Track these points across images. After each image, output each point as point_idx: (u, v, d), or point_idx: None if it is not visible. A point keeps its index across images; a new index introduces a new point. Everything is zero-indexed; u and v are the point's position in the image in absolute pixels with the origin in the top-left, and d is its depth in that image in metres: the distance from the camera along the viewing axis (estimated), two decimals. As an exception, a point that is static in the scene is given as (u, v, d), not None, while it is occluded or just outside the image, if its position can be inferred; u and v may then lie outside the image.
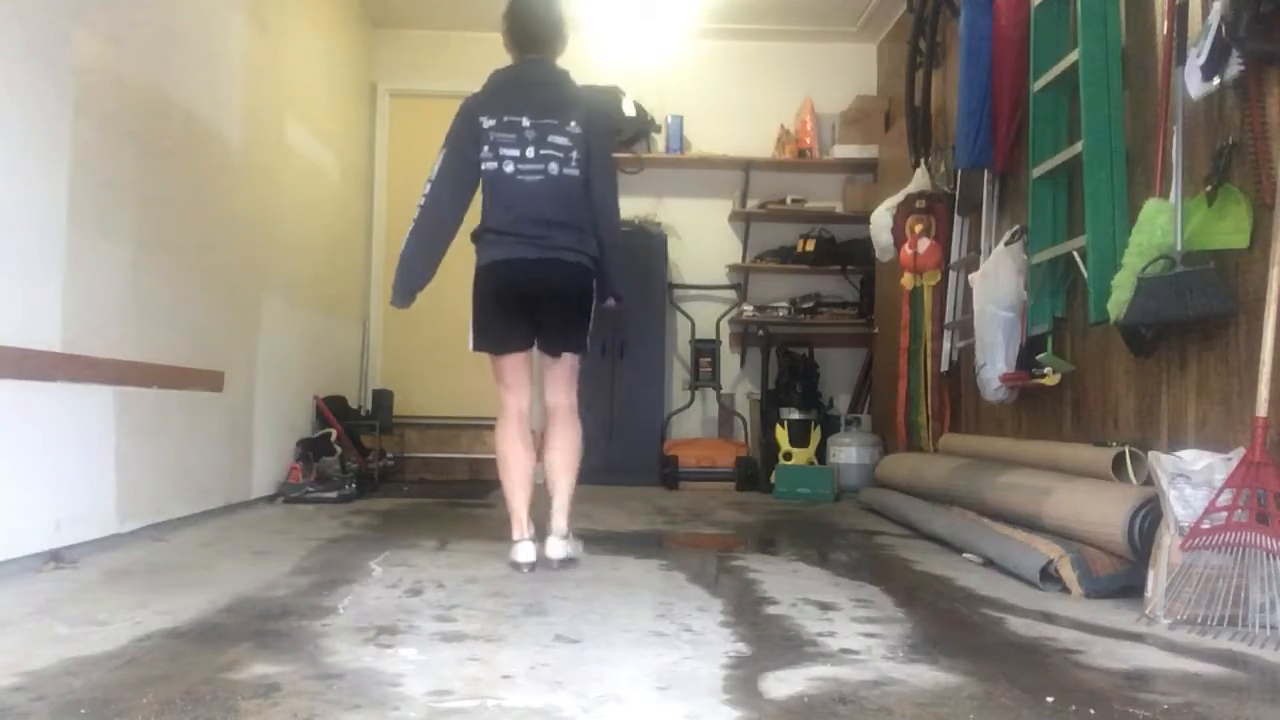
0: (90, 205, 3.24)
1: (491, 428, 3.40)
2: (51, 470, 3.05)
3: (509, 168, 3.13)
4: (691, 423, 6.89)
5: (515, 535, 3.17)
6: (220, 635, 2.18)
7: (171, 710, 1.62)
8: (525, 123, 3.13)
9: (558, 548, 3.18)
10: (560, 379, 3.31)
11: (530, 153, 3.12)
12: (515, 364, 3.27)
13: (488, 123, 3.14)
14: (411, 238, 3.19)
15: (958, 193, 5.00)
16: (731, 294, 6.95)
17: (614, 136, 3.41)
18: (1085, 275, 3.36)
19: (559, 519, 3.21)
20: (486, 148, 3.13)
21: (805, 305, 6.83)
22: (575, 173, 3.16)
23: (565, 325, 3.25)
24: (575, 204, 3.18)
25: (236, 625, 2.28)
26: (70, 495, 3.15)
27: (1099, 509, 2.98)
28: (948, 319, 5.06)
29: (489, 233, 3.18)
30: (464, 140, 3.18)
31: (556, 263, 3.15)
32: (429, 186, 3.19)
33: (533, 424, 3.32)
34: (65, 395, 3.12)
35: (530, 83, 3.24)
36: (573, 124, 3.16)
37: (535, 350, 3.32)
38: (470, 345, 3.29)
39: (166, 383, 3.78)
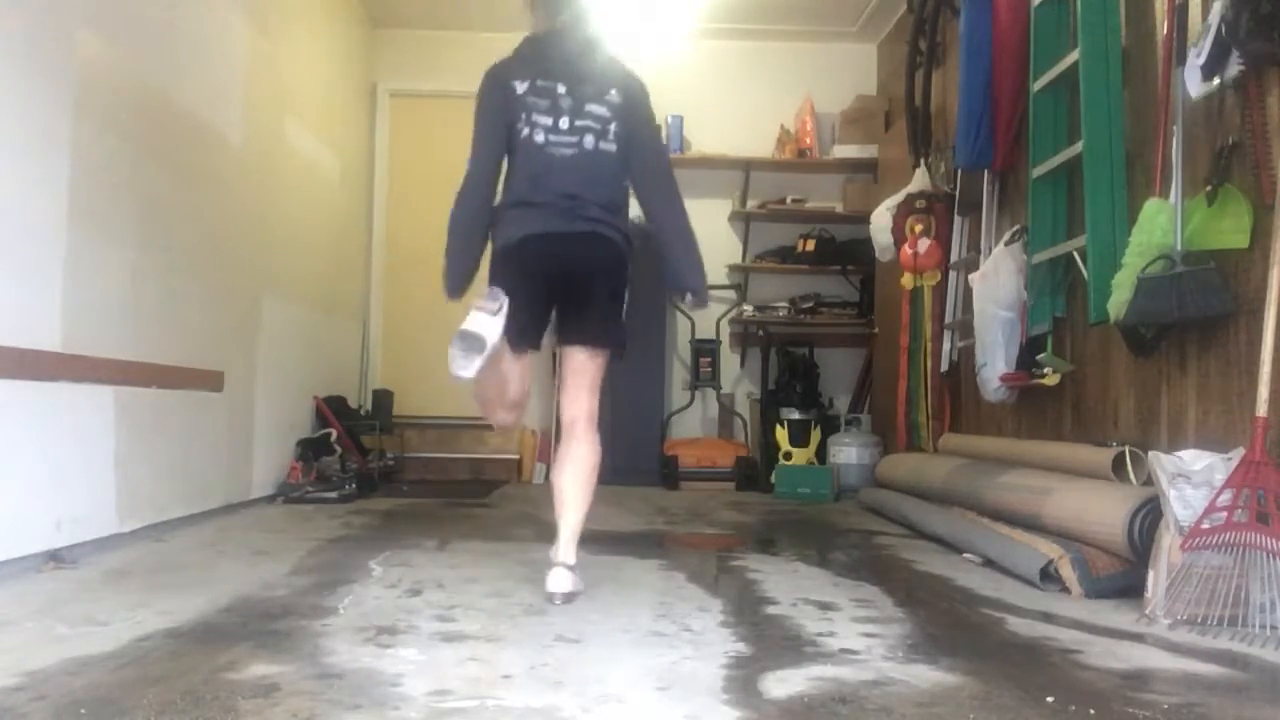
0: (90, 205, 3.23)
1: (491, 429, 3.31)
2: (51, 470, 3.05)
3: (539, 137, 2.77)
4: (691, 423, 6.89)
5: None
6: (220, 635, 2.18)
7: (171, 710, 1.62)
8: (560, 89, 2.79)
9: (562, 580, 2.64)
10: (585, 382, 2.85)
11: (564, 123, 2.78)
12: (523, 368, 2.86)
13: (521, 87, 2.79)
14: (454, 226, 2.82)
15: (958, 193, 5.00)
16: (731, 294, 6.95)
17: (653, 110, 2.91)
18: (1085, 275, 3.37)
19: (567, 549, 2.69)
20: (522, 113, 2.78)
21: (805, 305, 6.84)
22: (613, 148, 2.82)
23: (603, 311, 2.81)
24: (610, 183, 2.84)
25: (236, 625, 2.28)
26: (70, 495, 3.14)
27: (1099, 509, 2.98)
28: (948, 319, 5.07)
29: (513, 207, 2.79)
30: (496, 109, 2.82)
31: (595, 236, 2.76)
32: (468, 166, 2.83)
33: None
34: (65, 395, 3.11)
35: (566, 47, 2.88)
36: (613, 92, 2.84)
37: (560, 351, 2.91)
38: None
39: (166, 383, 3.78)
